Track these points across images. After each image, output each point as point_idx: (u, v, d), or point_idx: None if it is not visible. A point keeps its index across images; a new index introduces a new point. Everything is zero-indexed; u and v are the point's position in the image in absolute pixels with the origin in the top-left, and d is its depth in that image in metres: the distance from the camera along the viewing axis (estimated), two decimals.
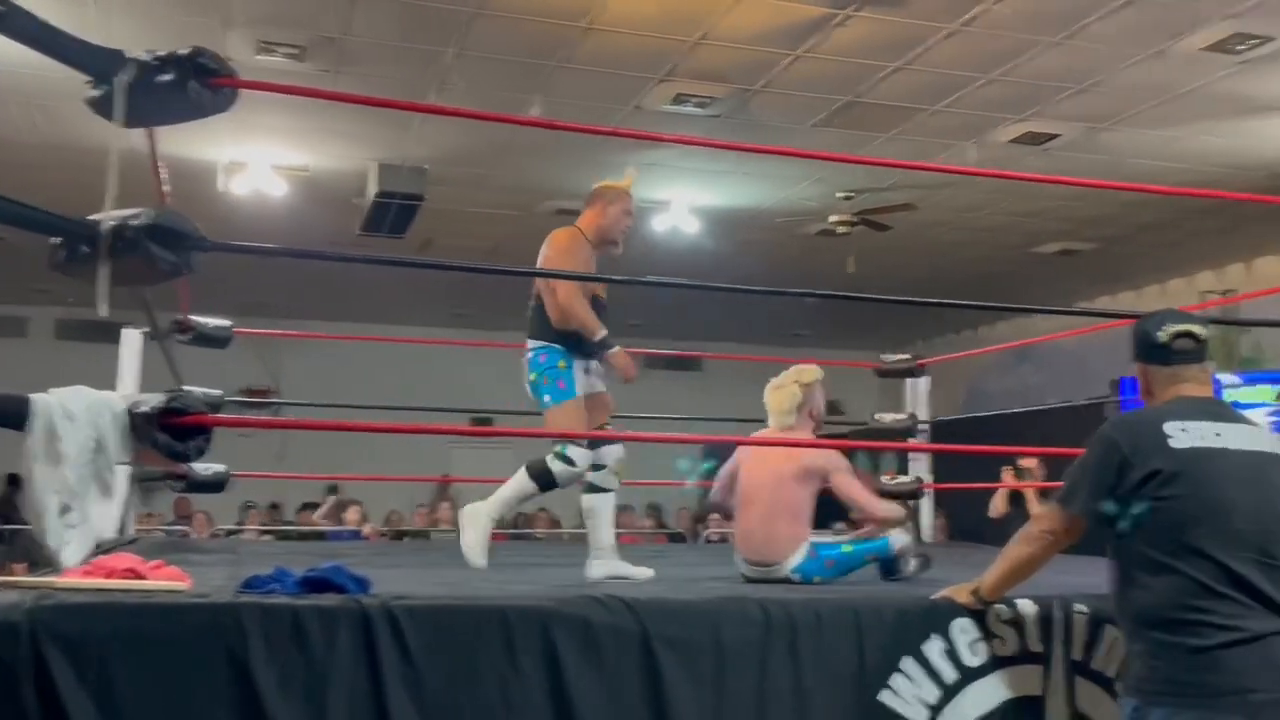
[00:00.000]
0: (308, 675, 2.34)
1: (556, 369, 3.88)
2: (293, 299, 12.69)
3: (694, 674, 2.56)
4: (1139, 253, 11.03)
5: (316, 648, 2.35)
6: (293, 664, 2.33)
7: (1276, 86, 7.02)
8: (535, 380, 3.91)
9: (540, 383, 3.90)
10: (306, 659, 2.34)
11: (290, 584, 2.57)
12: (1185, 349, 2.58)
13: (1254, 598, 2.34)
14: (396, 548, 7.70)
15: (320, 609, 2.39)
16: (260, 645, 2.32)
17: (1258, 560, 2.36)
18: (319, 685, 2.33)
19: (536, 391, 3.92)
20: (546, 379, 3.89)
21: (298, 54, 6.67)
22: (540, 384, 3.90)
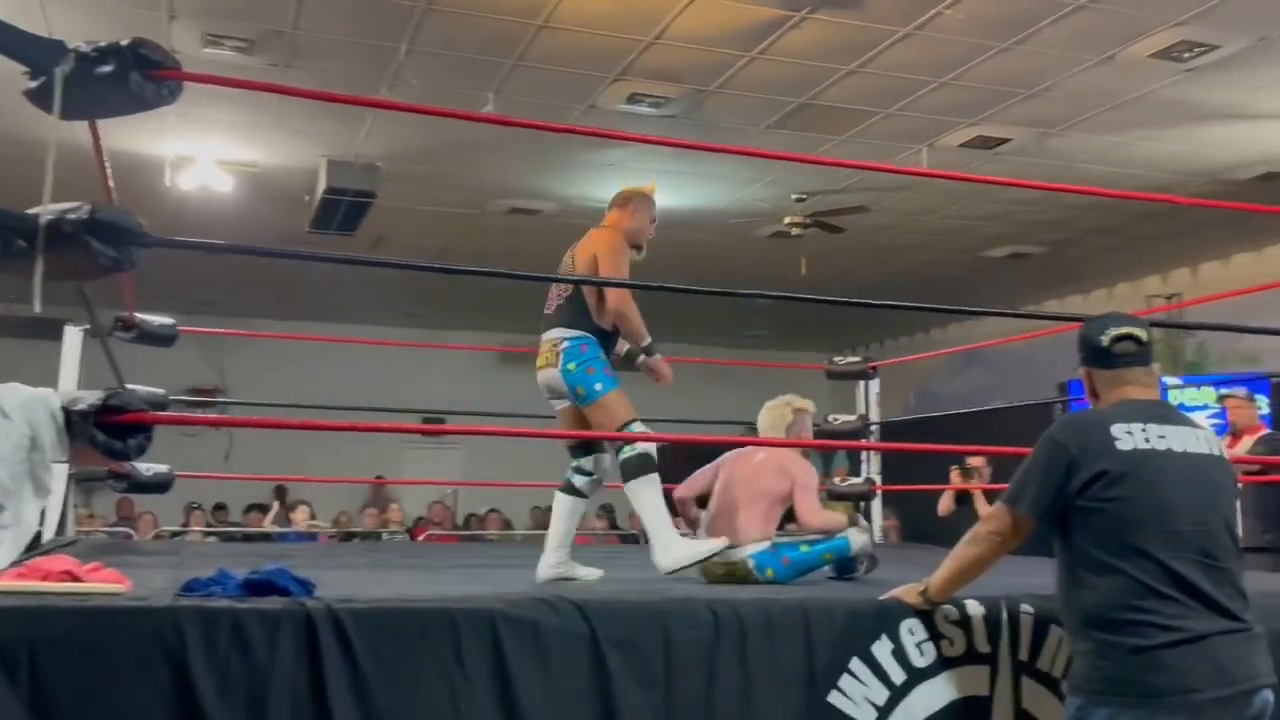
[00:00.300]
0: (249, 680, 2.29)
1: (599, 359, 3.80)
2: (241, 297, 12.53)
3: (643, 676, 2.55)
4: (1087, 257, 11.18)
5: (258, 652, 2.30)
6: (234, 669, 2.28)
7: (1221, 94, 7.15)
8: (576, 370, 3.77)
9: (584, 372, 3.77)
10: (248, 663, 2.29)
11: (232, 587, 2.52)
12: (1128, 352, 2.60)
13: (1196, 598, 2.36)
14: (345, 549, 7.63)
15: (262, 612, 2.34)
16: (200, 650, 2.27)
17: (1199, 561, 2.39)
18: (260, 690, 2.29)
19: (579, 380, 3.77)
20: (592, 368, 3.78)
21: (246, 47, 6.57)
22: (585, 373, 3.77)
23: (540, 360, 3.89)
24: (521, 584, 3.61)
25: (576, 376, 3.77)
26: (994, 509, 2.62)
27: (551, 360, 3.83)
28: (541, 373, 3.89)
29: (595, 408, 3.75)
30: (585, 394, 3.76)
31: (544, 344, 3.89)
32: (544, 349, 3.88)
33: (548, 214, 9.91)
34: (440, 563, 4.96)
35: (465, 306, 13.43)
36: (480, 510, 12.29)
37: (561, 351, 3.80)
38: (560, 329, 3.84)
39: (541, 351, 3.89)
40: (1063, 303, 12.88)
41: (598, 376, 3.76)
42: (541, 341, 3.91)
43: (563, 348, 3.81)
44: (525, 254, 10.84)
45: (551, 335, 3.86)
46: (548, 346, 3.86)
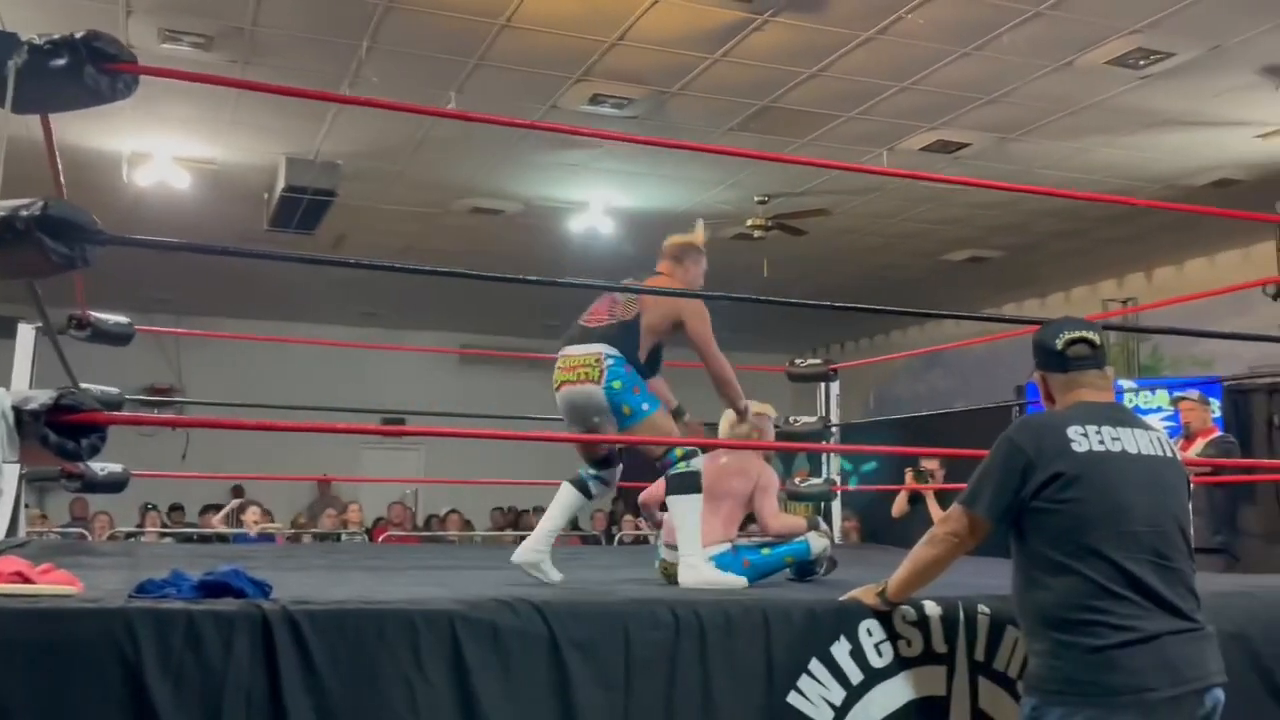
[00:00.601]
0: (203, 683, 2.26)
1: (642, 380, 3.68)
2: (199, 295, 12.39)
3: (602, 677, 2.54)
4: (1044, 261, 11.31)
5: (213, 654, 2.27)
6: (188, 671, 2.25)
7: (1175, 101, 7.25)
8: (622, 388, 3.61)
9: (630, 391, 3.63)
10: (202, 666, 2.26)
11: (186, 588, 2.48)
12: (1082, 355, 2.63)
13: (1149, 598, 2.39)
14: (304, 550, 7.55)
15: (217, 614, 2.31)
16: (153, 652, 2.24)
17: (1153, 561, 2.42)
18: (215, 693, 2.26)
19: (625, 399, 3.62)
20: (638, 388, 3.65)
21: (204, 43, 6.50)
22: (631, 392, 3.62)
23: (571, 375, 3.68)
24: (481, 585, 3.58)
25: (623, 395, 3.61)
26: (951, 510, 2.64)
27: (593, 376, 3.63)
28: (574, 389, 3.68)
29: (644, 426, 3.62)
30: (632, 413, 3.61)
31: (576, 357, 3.69)
32: (576, 363, 3.68)
33: (510, 214, 9.88)
34: (399, 564, 4.93)
35: (426, 307, 13.37)
36: (440, 511, 12.23)
37: (606, 368, 3.62)
38: (604, 345, 3.67)
39: (572, 366, 3.69)
40: (1021, 306, 13.02)
41: (644, 396, 3.65)
42: (569, 355, 3.71)
43: (608, 364, 3.63)
44: (488, 254, 10.85)
45: (593, 349, 3.66)
46: (586, 360, 3.66)
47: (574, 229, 9.84)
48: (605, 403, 3.63)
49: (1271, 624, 3.17)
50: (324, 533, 10.57)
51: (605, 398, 3.62)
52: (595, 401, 3.64)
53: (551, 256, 10.74)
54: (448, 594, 2.77)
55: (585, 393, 3.65)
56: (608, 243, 10.03)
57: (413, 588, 3.41)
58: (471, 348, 13.60)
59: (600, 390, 3.62)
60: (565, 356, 3.73)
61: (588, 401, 3.66)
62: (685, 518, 3.60)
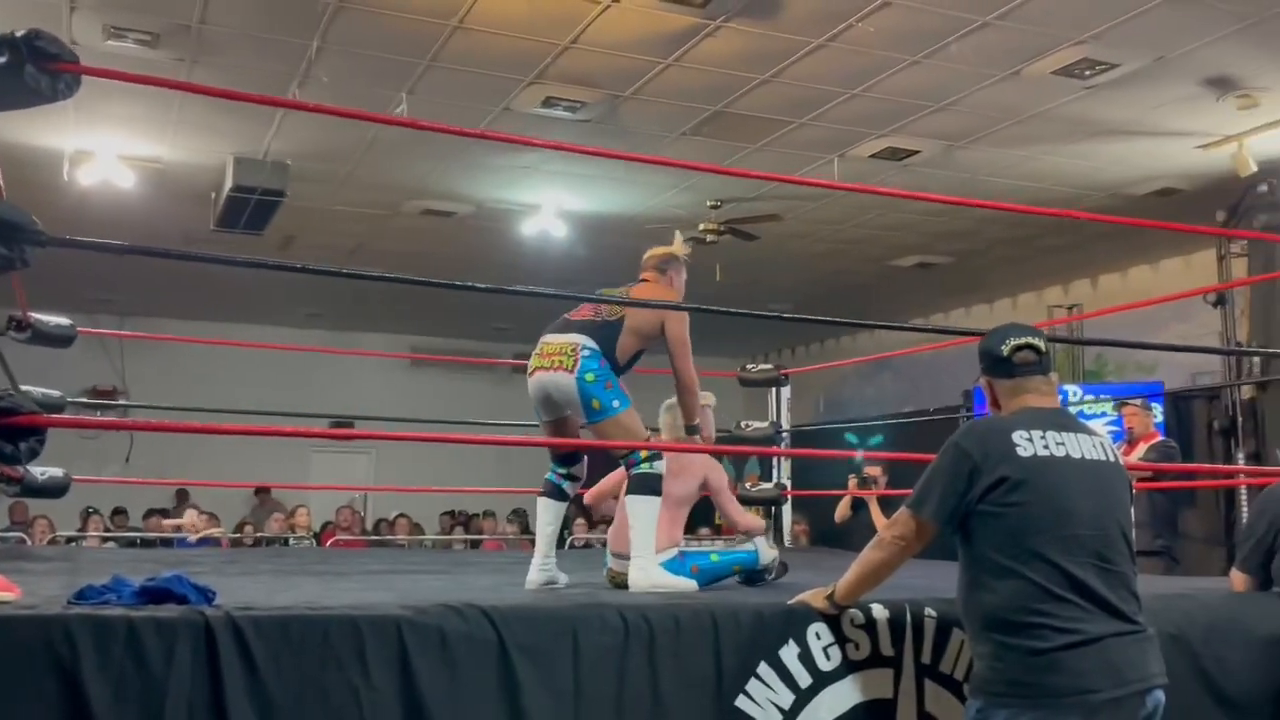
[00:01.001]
0: (144, 691, 2.22)
1: (615, 377, 3.66)
2: (143, 296, 12.21)
3: (551, 682, 2.53)
4: (992, 267, 11.45)
5: (154, 662, 2.23)
6: (128, 679, 2.21)
7: (1119, 111, 7.37)
8: (595, 381, 3.60)
9: (603, 386, 3.61)
10: (143, 674, 2.22)
11: (127, 594, 2.43)
12: (1027, 361, 2.67)
13: (1092, 601, 2.43)
14: (249, 555, 7.45)
15: (158, 621, 2.27)
16: (92, 660, 2.19)
17: (1096, 565, 2.45)
18: (156, 701, 2.22)
19: (597, 393, 3.60)
20: (610, 384, 3.63)
21: (150, 41, 6.40)
22: (603, 387, 3.61)
23: (546, 361, 3.66)
24: (429, 590, 3.56)
25: (595, 389, 3.60)
26: (898, 514, 2.66)
27: (566, 365, 3.61)
28: (547, 375, 3.66)
29: (611, 424, 3.61)
30: (601, 408, 3.60)
31: (554, 344, 3.67)
32: (553, 349, 3.66)
33: (461, 216, 9.83)
34: (347, 569, 4.88)
35: (375, 309, 13.27)
36: (390, 515, 12.14)
37: (582, 358, 3.61)
38: (583, 335, 3.66)
39: (548, 353, 3.67)
40: (969, 311, 13.17)
41: (615, 393, 3.62)
42: (548, 342, 3.70)
43: (583, 354, 3.61)
44: (439, 256, 10.79)
45: (571, 338, 3.65)
46: (563, 348, 3.64)
47: (526, 232, 9.82)
48: (575, 394, 3.61)
49: (1210, 626, 3.23)
50: (271, 537, 10.45)
51: (576, 388, 3.61)
52: (566, 391, 3.63)
53: (503, 259, 10.70)
54: (394, 599, 2.75)
55: (557, 380, 3.64)
56: (560, 245, 10.02)
57: (359, 593, 3.38)
58: (421, 351, 13.51)
59: (572, 380, 3.61)
60: (544, 344, 3.72)
61: (559, 389, 3.65)
62: (642, 519, 3.60)
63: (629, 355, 3.74)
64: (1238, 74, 6.76)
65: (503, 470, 10.55)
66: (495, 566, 5.20)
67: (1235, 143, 7.69)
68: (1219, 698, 3.17)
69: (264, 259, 3.82)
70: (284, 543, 10.13)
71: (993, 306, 12.89)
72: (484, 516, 12.44)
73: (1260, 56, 6.51)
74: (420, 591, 3.45)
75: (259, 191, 8.24)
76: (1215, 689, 3.17)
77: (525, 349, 4.01)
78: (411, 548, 10.51)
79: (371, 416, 7.48)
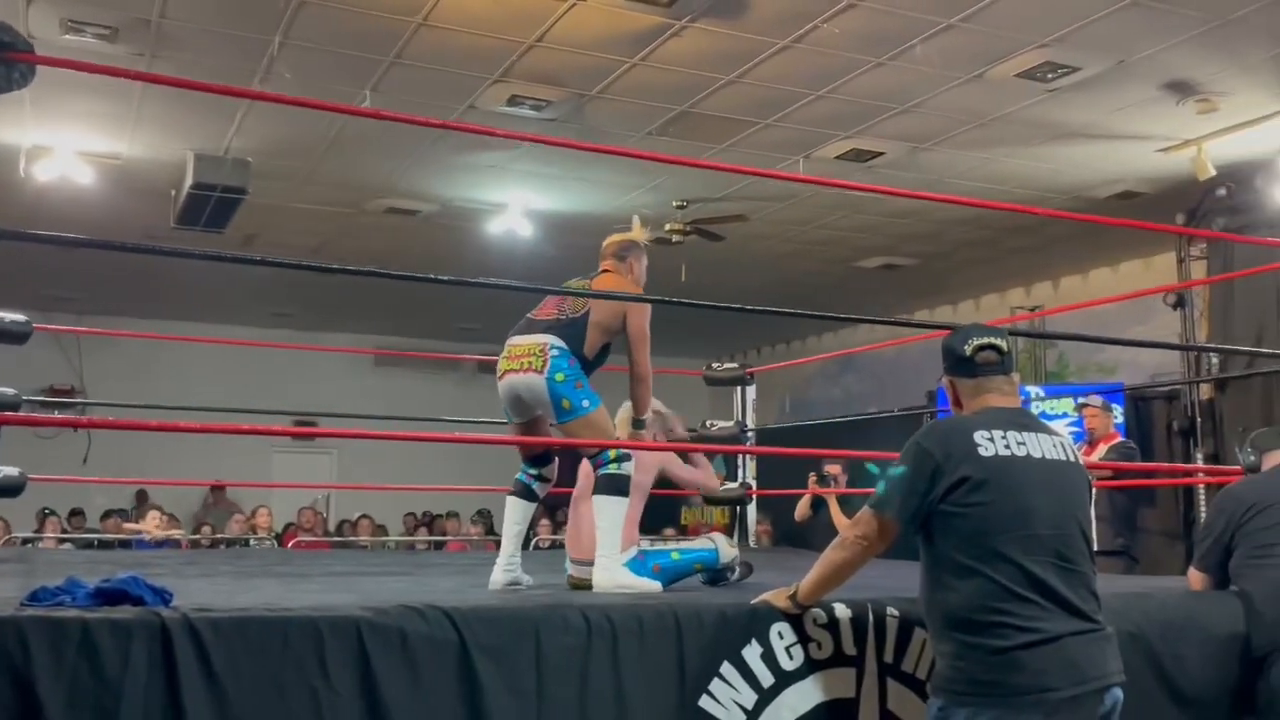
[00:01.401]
0: (99, 694, 2.19)
1: (585, 376, 3.66)
2: (102, 293, 12.05)
3: (513, 684, 2.51)
4: (955, 269, 11.53)
5: (109, 664, 2.20)
6: (82, 682, 2.18)
7: (1081, 114, 7.44)
8: (565, 381, 3.59)
9: (573, 385, 3.60)
10: (97, 677, 2.19)
11: (82, 596, 2.40)
12: (990, 361, 2.68)
13: (1052, 600, 2.44)
14: (209, 556, 7.38)
15: (113, 623, 2.24)
16: (46, 662, 2.16)
17: (1055, 564, 2.47)
18: (111, 705, 2.19)
19: (566, 393, 3.59)
20: (580, 383, 3.62)
21: (109, 35, 6.32)
22: (573, 387, 3.60)
23: (515, 364, 3.66)
24: (391, 592, 3.53)
25: (565, 388, 3.60)
26: (861, 514, 2.66)
27: (536, 365, 3.61)
28: (517, 377, 3.66)
29: (581, 423, 3.61)
30: (571, 408, 3.60)
31: (522, 346, 3.67)
32: (521, 351, 3.66)
33: (426, 214, 9.78)
34: (308, 570, 4.84)
35: (339, 307, 13.17)
36: (353, 516, 12.06)
37: (551, 358, 3.61)
38: (551, 335, 3.65)
39: (515, 355, 3.67)
40: (933, 312, 13.25)
41: (585, 393, 3.62)
42: (515, 344, 3.69)
43: (552, 354, 3.61)
44: (403, 255, 10.72)
45: (538, 339, 3.65)
46: (531, 349, 3.64)
47: (492, 231, 9.78)
48: (546, 394, 3.61)
49: (1168, 624, 3.26)
50: (231, 538, 10.35)
51: (546, 389, 3.60)
52: (536, 392, 3.63)
53: (469, 258, 10.65)
54: (356, 600, 2.72)
55: (527, 382, 3.64)
56: (527, 245, 9.98)
57: (320, 594, 3.34)
58: (386, 350, 13.43)
59: (542, 380, 3.61)
60: (511, 346, 3.71)
61: (529, 390, 3.65)
62: (609, 519, 3.59)
63: (596, 350, 3.73)
64: (1197, 78, 6.85)
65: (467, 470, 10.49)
66: (459, 568, 5.17)
67: (1195, 146, 7.78)
68: (1176, 695, 3.21)
69: (220, 252, 3.77)
70: (244, 544, 10.04)
71: (956, 308, 12.98)
72: (447, 517, 12.38)
73: (1219, 61, 6.59)
74: (382, 593, 3.42)
75: (220, 189, 8.15)
76: (1173, 687, 3.21)
77: (491, 349, 3.99)
78: (374, 549, 10.45)
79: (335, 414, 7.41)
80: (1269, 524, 3.47)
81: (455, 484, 9.49)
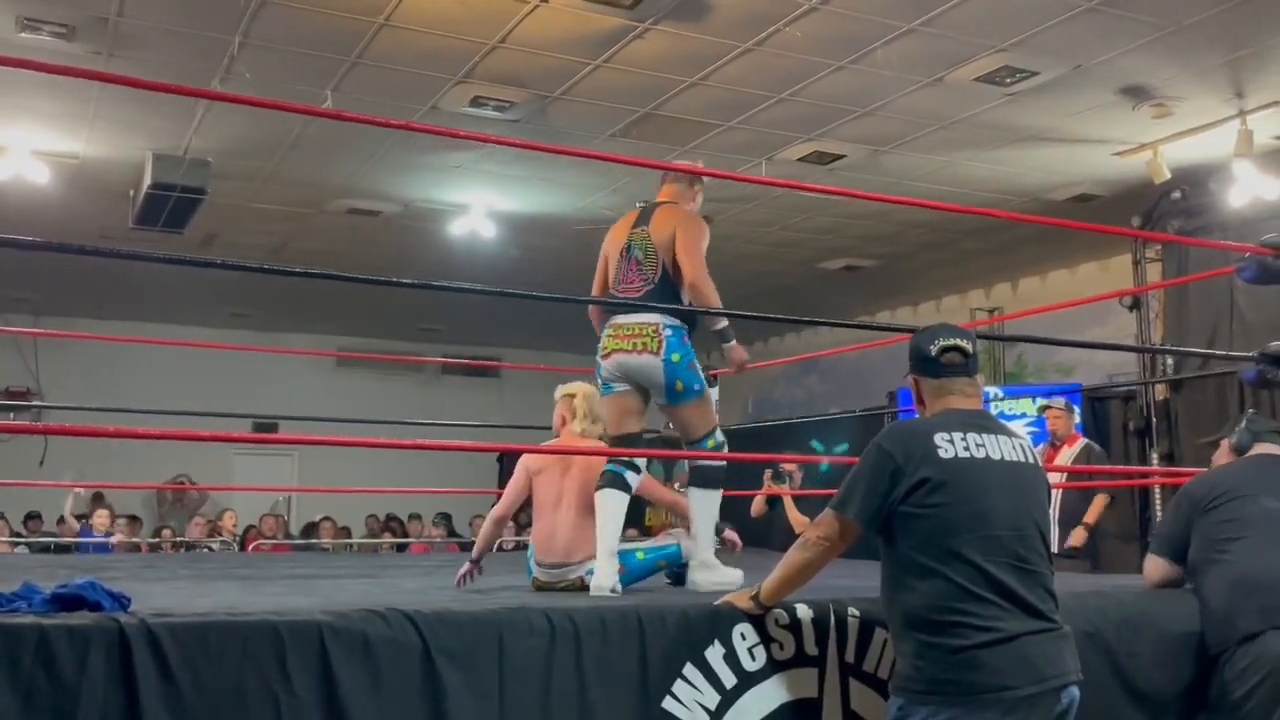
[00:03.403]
0: (55, 701, 2.16)
1: (694, 354, 3.65)
2: (58, 295, 11.88)
3: (476, 686, 2.51)
4: (917, 271, 11.61)
5: (66, 671, 2.18)
6: (39, 689, 2.16)
7: (1039, 118, 7.52)
8: (681, 361, 3.60)
9: (688, 367, 3.61)
10: (54, 683, 2.17)
11: (38, 602, 2.37)
12: (954, 363, 2.71)
13: (1010, 600, 2.47)
14: (169, 560, 7.31)
15: (70, 628, 2.21)
16: (1, 670, 2.13)
17: (1013, 564, 2.50)
18: (68, 711, 2.17)
19: (682, 374, 3.60)
20: (694, 364, 3.63)
21: (65, 33, 6.23)
22: (688, 368, 3.61)
23: (626, 344, 3.64)
24: (353, 595, 3.52)
25: (681, 369, 3.60)
26: (823, 515, 2.68)
27: (651, 346, 3.59)
28: (628, 358, 3.64)
29: (693, 405, 3.63)
30: (685, 389, 3.61)
31: (632, 326, 3.65)
32: (632, 332, 3.64)
33: (388, 215, 9.73)
34: (269, 573, 4.81)
35: (300, 308, 13.06)
36: (315, 518, 11.96)
37: (666, 339, 3.60)
38: (657, 315, 3.63)
39: (624, 335, 3.65)
40: (894, 314, 13.34)
41: (698, 375, 3.64)
42: (620, 324, 3.67)
43: (666, 335, 3.60)
44: (365, 256, 10.66)
45: (649, 319, 3.63)
46: (643, 330, 3.62)
47: (455, 232, 9.74)
48: (661, 376, 3.61)
49: (1123, 623, 3.31)
50: (193, 542, 10.25)
51: (662, 371, 3.60)
52: (651, 373, 3.62)
53: (432, 259, 10.61)
54: (317, 604, 2.71)
55: (642, 363, 3.63)
56: (490, 246, 9.95)
57: (281, 598, 3.32)
58: (348, 351, 13.34)
59: (659, 362, 3.60)
60: (617, 325, 3.68)
61: (642, 371, 3.64)
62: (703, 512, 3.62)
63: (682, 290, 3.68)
64: (1152, 83, 6.94)
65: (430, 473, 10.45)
66: (422, 570, 5.15)
67: (1150, 150, 7.89)
68: (1132, 693, 3.25)
69: (180, 255, 3.73)
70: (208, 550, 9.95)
71: (917, 309, 13.07)
72: (410, 519, 12.32)
73: (1174, 66, 6.69)
74: (344, 596, 3.40)
75: (179, 189, 8.06)
76: (1128, 684, 3.25)
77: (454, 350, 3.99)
78: (336, 551, 10.38)
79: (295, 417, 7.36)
80: (1228, 517, 3.45)
81: (417, 485, 9.44)
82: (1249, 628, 3.25)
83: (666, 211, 3.83)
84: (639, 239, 3.79)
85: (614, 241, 3.87)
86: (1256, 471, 3.60)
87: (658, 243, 3.73)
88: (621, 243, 3.82)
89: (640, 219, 3.85)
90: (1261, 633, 3.23)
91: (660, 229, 3.76)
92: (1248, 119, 7.28)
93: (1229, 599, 3.34)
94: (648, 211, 3.87)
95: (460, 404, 13.00)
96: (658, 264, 3.71)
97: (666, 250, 3.71)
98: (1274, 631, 3.22)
